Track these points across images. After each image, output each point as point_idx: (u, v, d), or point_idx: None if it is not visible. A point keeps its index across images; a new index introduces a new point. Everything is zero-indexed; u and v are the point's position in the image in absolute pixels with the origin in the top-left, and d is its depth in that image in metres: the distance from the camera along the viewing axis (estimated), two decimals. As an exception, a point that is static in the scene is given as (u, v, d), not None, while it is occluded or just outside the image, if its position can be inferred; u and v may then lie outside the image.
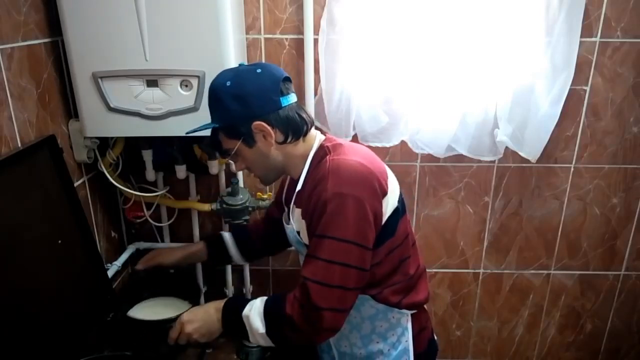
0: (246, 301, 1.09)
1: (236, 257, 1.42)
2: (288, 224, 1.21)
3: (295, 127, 1.09)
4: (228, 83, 1.05)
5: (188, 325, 1.10)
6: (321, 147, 1.12)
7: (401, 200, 1.14)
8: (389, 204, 1.08)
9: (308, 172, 1.11)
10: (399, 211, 1.12)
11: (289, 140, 1.09)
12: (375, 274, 1.11)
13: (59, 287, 1.21)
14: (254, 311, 1.06)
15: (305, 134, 1.12)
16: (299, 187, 1.12)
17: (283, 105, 1.07)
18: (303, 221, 1.10)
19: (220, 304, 1.12)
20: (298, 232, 1.16)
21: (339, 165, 1.03)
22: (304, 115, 1.11)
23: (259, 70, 1.06)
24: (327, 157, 1.07)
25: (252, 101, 1.04)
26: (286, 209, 1.25)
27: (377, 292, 1.14)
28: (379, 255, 1.09)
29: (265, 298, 1.08)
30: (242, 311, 1.07)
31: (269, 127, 1.06)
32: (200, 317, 1.11)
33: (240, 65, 1.12)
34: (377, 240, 1.06)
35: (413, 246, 1.21)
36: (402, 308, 1.17)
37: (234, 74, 1.07)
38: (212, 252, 1.41)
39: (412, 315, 1.20)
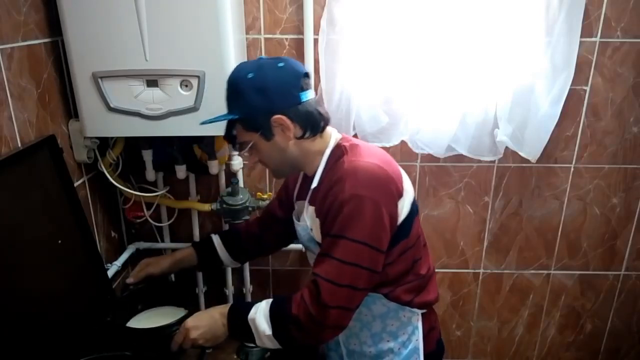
0: (251, 305, 1.09)
1: (227, 261, 1.41)
2: (299, 221, 1.21)
3: (313, 123, 1.09)
4: (250, 75, 1.04)
5: (193, 331, 1.09)
6: (338, 146, 1.12)
7: (414, 202, 1.14)
8: (404, 206, 1.09)
9: (324, 170, 1.11)
10: (413, 213, 1.12)
11: (306, 135, 1.09)
12: (388, 273, 1.11)
13: (58, 287, 1.21)
14: (260, 313, 1.06)
15: (323, 130, 1.12)
16: (314, 184, 1.12)
17: (302, 101, 1.07)
18: (317, 219, 1.10)
19: (225, 308, 1.11)
20: (311, 229, 1.16)
21: (357, 167, 1.04)
22: (322, 112, 1.11)
23: (281, 64, 1.06)
24: (344, 157, 1.08)
25: (274, 95, 1.04)
26: (297, 206, 1.25)
27: (389, 291, 1.14)
28: (393, 255, 1.10)
29: (270, 300, 1.08)
30: (247, 314, 1.07)
31: (288, 121, 1.06)
32: (205, 323, 1.10)
33: (260, 58, 1.11)
34: (392, 241, 1.07)
35: (424, 247, 1.22)
36: (413, 307, 1.17)
37: (256, 66, 1.06)
38: (202, 256, 1.40)
39: (422, 314, 1.21)
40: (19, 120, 1.17)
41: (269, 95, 1.04)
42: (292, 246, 1.58)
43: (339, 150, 1.11)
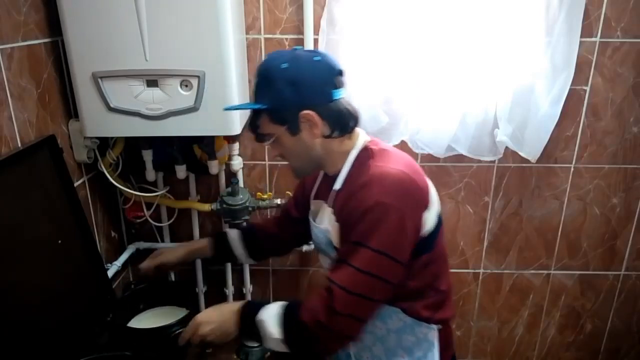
0: (261, 305, 1.06)
1: (242, 257, 1.37)
2: (315, 222, 1.17)
3: (343, 123, 1.05)
4: (284, 65, 1.00)
5: (204, 326, 1.06)
6: (365, 149, 1.09)
7: (440, 215, 1.11)
8: (430, 218, 1.05)
9: (348, 173, 1.08)
10: (438, 226, 1.09)
11: (334, 135, 1.06)
12: (408, 287, 1.07)
13: (59, 287, 1.21)
14: (269, 316, 1.03)
15: (351, 130, 1.09)
16: (337, 186, 1.08)
17: (334, 99, 1.03)
18: (336, 223, 1.07)
19: (235, 306, 1.08)
20: (329, 232, 1.11)
21: (383, 174, 1.00)
22: (353, 112, 1.07)
23: (317, 58, 1.02)
24: (370, 162, 1.04)
25: (306, 89, 1.00)
26: (313, 206, 1.21)
27: (408, 306, 1.10)
28: (414, 269, 1.06)
29: (281, 303, 1.05)
30: (256, 315, 1.04)
31: (317, 118, 1.02)
32: (216, 319, 1.07)
33: (295, 49, 1.06)
34: (414, 254, 1.03)
35: (445, 263, 1.18)
36: (431, 323, 1.13)
37: (291, 57, 1.02)
38: (218, 249, 1.36)
39: (439, 331, 1.16)
40: (19, 120, 1.17)
41: (301, 88, 1.00)
42: (292, 246, 1.58)
43: (366, 153, 1.07)
